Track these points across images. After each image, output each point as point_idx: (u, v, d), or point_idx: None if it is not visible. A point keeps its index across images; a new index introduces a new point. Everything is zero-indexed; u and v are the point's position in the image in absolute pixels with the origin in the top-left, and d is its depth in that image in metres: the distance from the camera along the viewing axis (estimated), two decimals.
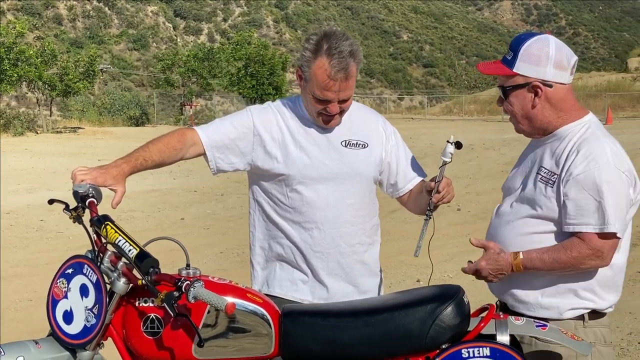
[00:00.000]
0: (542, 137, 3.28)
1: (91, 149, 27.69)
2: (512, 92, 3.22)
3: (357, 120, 3.65)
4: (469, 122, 46.60)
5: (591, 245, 3.02)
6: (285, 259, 3.59)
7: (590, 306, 3.18)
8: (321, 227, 3.50)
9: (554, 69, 3.15)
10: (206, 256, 10.32)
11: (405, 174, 3.70)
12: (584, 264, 3.06)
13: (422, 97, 76.17)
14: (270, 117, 3.57)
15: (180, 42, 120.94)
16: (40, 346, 2.99)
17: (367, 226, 3.64)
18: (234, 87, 51.75)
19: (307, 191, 3.49)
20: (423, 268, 9.08)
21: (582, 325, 3.18)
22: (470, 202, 14.07)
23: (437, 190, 3.35)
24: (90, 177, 3.22)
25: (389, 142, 3.69)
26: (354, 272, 3.59)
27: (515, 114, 3.26)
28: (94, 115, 45.23)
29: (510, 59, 3.20)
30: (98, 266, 2.97)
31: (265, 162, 3.53)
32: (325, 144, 3.54)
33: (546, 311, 3.19)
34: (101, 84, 63.12)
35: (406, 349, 2.96)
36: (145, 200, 15.34)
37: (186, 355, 2.96)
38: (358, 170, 3.57)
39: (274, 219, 3.58)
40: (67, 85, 38.65)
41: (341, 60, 3.32)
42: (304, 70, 3.43)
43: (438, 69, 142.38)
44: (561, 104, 3.20)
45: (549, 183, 3.15)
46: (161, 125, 46.05)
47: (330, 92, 3.36)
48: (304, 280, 3.57)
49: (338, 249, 3.53)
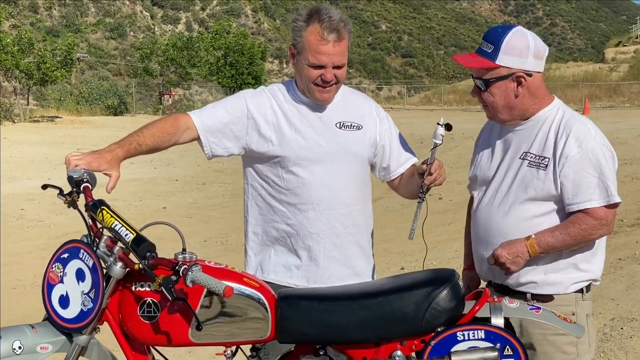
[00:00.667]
0: (516, 123, 3.37)
1: (70, 138, 27.53)
2: (495, 83, 3.29)
3: (351, 103, 3.69)
4: (448, 111, 46.71)
5: (596, 216, 3.17)
6: (279, 243, 3.60)
7: (589, 277, 3.33)
8: (317, 208, 3.52)
9: (533, 59, 3.27)
10: (189, 245, 10.14)
11: (398, 157, 3.73)
12: (593, 235, 3.21)
13: (401, 87, 76.29)
14: (264, 100, 3.58)
15: (158, 31, 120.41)
16: (36, 330, 2.98)
17: (362, 208, 3.67)
18: (213, 76, 51.64)
19: (302, 172, 3.50)
20: (407, 256, 9.14)
21: (581, 298, 3.33)
22: (451, 191, 14.09)
23: (429, 173, 3.37)
24: (84, 162, 3.22)
25: (382, 126, 3.72)
26: (349, 254, 3.61)
27: (496, 104, 3.33)
28: (72, 105, 44.92)
29: (490, 52, 3.27)
30: (94, 251, 2.97)
31: (260, 145, 3.53)
32: (320, 126, 3.56)
33: (552, 287, 3.30)
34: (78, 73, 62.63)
35: (402, 332, 2.98)
36: (126, 189, 15.26)
37: (183, 339, 2.97)
38: (353, 152, 3.59)
39: (268, 202, 3.59)
40: (45, 74, 38.31)
41: (332, 23, 3.40)
42: (297, 42, 3.47)
43: (416, 59, 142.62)
44: (537, 91, 3.32)
45: (541, 167, 3.25)
46: (140, 115, 45.85)
47: (323, 56, 3.40)
48: (298, 265, 3.58)
49: (334, 230, 3.55)
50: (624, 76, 52.48)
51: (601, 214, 3.18)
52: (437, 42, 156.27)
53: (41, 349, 2.95)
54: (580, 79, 50.84)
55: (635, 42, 62.48)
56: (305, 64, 3.44)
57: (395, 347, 3.00)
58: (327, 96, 3.53)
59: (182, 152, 22.97)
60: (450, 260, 9.12)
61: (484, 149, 3.56)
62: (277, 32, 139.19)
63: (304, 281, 3.57)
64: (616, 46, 64.27)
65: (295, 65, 3.54)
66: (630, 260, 9.01)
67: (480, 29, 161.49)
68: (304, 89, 3.55)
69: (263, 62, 53.58)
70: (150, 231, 3.02)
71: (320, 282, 3.53)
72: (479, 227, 3.48)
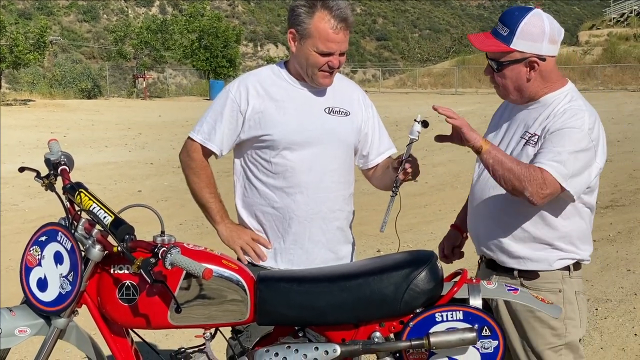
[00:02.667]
0: (526, 103, 3.40)
1: (43, 121, 27.30)
2: (508, 66, 3.30)
3: (340, 89, 3.71)
4: (423, 94, 46.81)
5: (545, 176, 3.10)
6: (265, 227, 3.63)
7: (575, 257, 3.36)
8: (304, 192, 3.54)
9: (548, 44, 3.28)
10: (165, 228, 10.26)
11: (378, 146, 3.78)
12: (527, 183, 3.11)
13: (376, 70, 76.27)
14: (250, 90, 3.59)
15: (131, 14, 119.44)
16: (14, 313, 2.98)
17: (346, 193, 3.70)
18: (188, 59, 51.43)
19: (291, 156, 3.52)
20: (383, 238, 9.16)
21: (568, 276, 3.35)
22: (427, 174, 14.14)
23: (404, 167, 3.39)
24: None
25: (367, 114, 3.77)
26: (334, 239, 3.64)
27: (507, 86, 3.35)
28: (45, 88, 44.50)
29: (506, 35, 3.28)
30: (72, 233, 2.96)
31: (251, 132, 3.56)
32: (308, 110, 3.58)
33: (537, 264, 3.33)
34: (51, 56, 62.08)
35: (381, 313, 3.00)
36: (100, 172, 15.21)
37: (162, 322, 2.97)
38: (341, 137, 3.62)
39: (255, 185, 3.61)
40: (17, 57, 37.91)
41: (341, 10, 3.42)
42: (301, 27, 3.47)
43: (391, 42, 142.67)
44: (549, 75, 3.34)
45: (530, 143, 3.28)
46: (114, 98, 45.59)
47: (334, 44, 3.44)
48: (282, 249, 3.60)
49: (320, 214, 3.58)
50: (598, 59, 52.87)
51: (548, 178, 3.09)
52: (412, 25, 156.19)
53: (19, 332, 2.95)
54: None
55: (609, 25, 62.90)
56: (312, 50, 3.46)
57: (374, 329, 3.01)
58: (329, 80, 3.58)
59: (157, 135, 22.93)
60: (426, 242, 9.17)
61: (494, 125, 3.61)
62: (252, 15, 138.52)
63: (288, 264, 3.59)
64: (590, 29, 64.64)
65: (297, 49, 3.54)
66: (604, 242, 9.10)
67: (454, 12, 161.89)
68: (301, 73, 3.58)
69: (237, 45, 53.37)
70: (126, 214, 3.01)
71: (304, 265, 3.55)
72: (474, 199, 3.52)
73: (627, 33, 57.40)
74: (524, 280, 3.35)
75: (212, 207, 3.68)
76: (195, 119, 3.94)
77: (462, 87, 49.58)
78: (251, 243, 3.61)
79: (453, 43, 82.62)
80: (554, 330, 3.31)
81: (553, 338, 3.32)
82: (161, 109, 34.51)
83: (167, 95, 51.83)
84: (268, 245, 3.61)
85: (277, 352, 2.96)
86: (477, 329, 2.93)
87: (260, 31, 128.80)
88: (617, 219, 10.23)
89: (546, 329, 3.31)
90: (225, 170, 3.66)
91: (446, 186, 13.59)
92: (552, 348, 3.32)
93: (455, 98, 40.47)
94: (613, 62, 51.51)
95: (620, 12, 64.50)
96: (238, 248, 3.63)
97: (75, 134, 22.87)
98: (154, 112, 32.07)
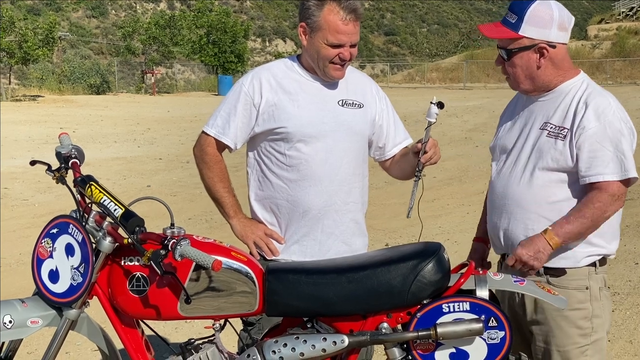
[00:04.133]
0: (539, 94, 3.40)
1: (52, 117, 27.35)
2: (517, 54, 3.31)
3: (353, 81, 3.73)
4: (431, 89, 46.65)
5: (609, 191, 3.16)
6: (278, 219, 3.65)
7: (601, 252, 3.35)
8: (318, 184, 3.55)
9: (557, 31, 3.29)
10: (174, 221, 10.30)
11: (394, 137, 3.79)
12: (608, 211, 3.19)
13: (384, 65, 76.07)
14: (263, 83, 3.60)
15: (139, 9, 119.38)
16: (26, 305, 3.01)
17: (361, 185, 3.72)
18: (196, 55, 51.43)
19: (305, 148, 3.54)
20: (391, 232, 9.20)
21: (594, 272, 3.33)
22: (435, 168, 14.06)
23: (425, 151, 3.40)
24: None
25: (381, 105, 3.77)
26: (347, 231, 3.66)
27: (518, 75, 3.36)
28: (54, 84, 44.49)
29: (514, 22, 3.30)
30: (83, 226, 2.99)
31: (265, 125, 3.58)
32: (322, 103, 3.59)
33: (564, 261, 3.31)
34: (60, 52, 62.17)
35: (388, 304, 3.02)
36: (110, 167, 15.26)
37: (172, 313, 3.01)
38: (355, 129, 3.63)
39: (269, 178, 3.62)
40: (26, 53, 37.99)
41: (350, 2, 3.43)
42: (311, 20, 3.48)
43: (399, 37, 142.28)
44: (561, 63, 3.34)
45: (559, 137, 3.26)
46: (122, 94, 45.60)
47: (344, 35, 3.45)
48: (295, 240, 3.62)
49: (334, 206, 3.59)
50: (606, 53, 52.61)
51: (614, 188, 3.16)
52: (420, 20, 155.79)
53: (31, 323, 2.98)
54: None
55: (618, 19, 62.55)
56: (323, 43, 3.47)
57: (381, 320, 3.04)
58: (341, 73, 3.58)
59: (165, 130, 22.95)
60: (435, 236, 9.18)
61: (507, 120, 3.60)
62: (260, 10, 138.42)
63: (300, 256, 3.61)
64: (599, 23, 64.30)
65: (308, 43, 3.55)
66: None
67: (463, 7, 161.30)
68: (313, 66, 3.59)
69: (246, 40, 53.38)
70: (136, 208, 3.04)
71: (318, 257, 3.56)
72: (495, 195, 3.50)
73: (636, 27, 57.05)
74: (550, 277, 3.32)
75: (226, 201, 3.70)
76: (203, 114, 3.98)
77: (470, 82, 49.44)
78: (264, 238, 3.63)
79: (461, 38, 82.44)
80: (581, 329, 3.30)
81: (579, 338, 3.31)
82: (170, 105, 34.52)
83: (176, 90, 51.79)
84: (281, 240, 3.63)
85: (286, 342, 2.99)
86: (483, 319, 2.95)
87: (269, 26, 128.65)
88: (625, 212, 10.10)
89: (573, 328, 3.30)
90: (233, 165, 3.68)
91: (454, 181, 13.58)
92: (579, 348, 3.31)
93: (463, 93, 40.32)
94: (622, 56, 51.24)
95: (630, 6, 64.13)
96: (251, 243, 3.65)
97: (84, 130, 22.92)
98: (162, 108, 32.08)
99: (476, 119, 24.65)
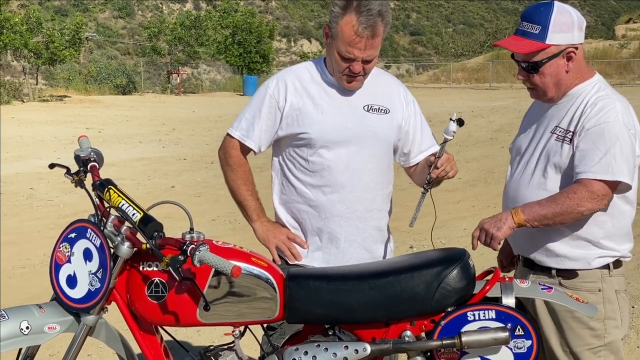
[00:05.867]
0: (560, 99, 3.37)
1: (78, 117, 27.53)
2: (547, 63, 3.26)
3: (380, 86, 3.65)
4: (457, 90, 46.59)
5: (590, 188, 3.12)
6: (301, 224, 3.60)
7: (614, 254, 3.30)
8: (341, 191, 3.50)
9: (578, 32, 3.26)
10: (198, 224, 10.19)
11: (420, 144, 3.70)
12: (581, 206, 3.13)
13: (409, 65, 75.91)
14: (289, 86, 3.55)
15: (166, 10, 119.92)
16: (44, 310, 2.97)
17: (385, 192, 3.65)
18: (221, 55, 51.59)
19: (328, 155, 3.48)
20: (416, 234, 9.11)
21: (608, 274, 3.30)
22: (460, 169, 13.92)
23: (436, 166, 3.34)
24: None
25: (408, 111, 3.69)
26: (370, 238, 3.61)
27: (547, 84, 3.31)
28: (80, 84, 44.82)
29: (538, 33, 3.24)
30: (101, 230, 2.95)
31: (289, 129, 3.53)
32: (347, 108, 3.53)
33: (575, 262, 3.28)
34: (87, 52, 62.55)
35: (412, 312, 2.96)
36: (135, 168, 15.28)
37: (191, 319, 2.96)
38: (379, 135, 3.56)
39: (292, 182, 3.58)
40: (53, 54, 38.23)
41: (369, 18, 3.31)
42: (332, 26, 3.41)
43: (425, 37, 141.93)
44: (580, 64, 3.32)
45: (565, 140, 3.24)
46: (148, 94, 45.80)
47: (355, 49, 3.35)
48: (318, 247, 3.57)
49: (356, 214, 3.54)
50: (634, 53, 52.19)
51: (595, 187, 3.12)
52: (446, 20, 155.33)
53: (49, 329, 2.94)
54: (591, 56, 50.52)
55: None
56: (336, 52, 3.41)
57: (404, 327, 2.98)
58: (354, 84, 3.51)
59: (191, 131, 23.00)
60: (459, 238, 9.10)
61: (526, 122, 3.58)
62: (285, 10, 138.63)
63: (322, 263, 3.56)
64: (626, 23, 63.77)
65: (328, 47, 3.50)
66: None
67: (489, 6, 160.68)
68: (331, 71, 3.53)
69: (271, 40, 53.41)
70: (159, 210, 3.01)
71: (340, 264, 3.51)
72: (508, 199, 3.50)
73: None
74: (562, 280, 3.30)
75: (249, 204, 3.66)
76: (228, 115, 3.93)
77: (496, 82, 49.23)
78: (287, 242, 3.59)
79: (487, 38, 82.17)
80: (593, 330, 3.26)
81: (592, 339, 3.27)
82: (195, 105, 34.59)
83: (201, 90, 51.97)
84: (304, 244, 3.58)
85: (307, 350, 2.94)
86: (509, 328, 2.89)
87: (294, 27, 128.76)
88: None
89: (585, 329, 3.26)
90: (258, 166, 3.65)
91: (480, 182, 13.48)
92: (591, 349, 3.27)
93: (489, 93, 40.11)
94: None
95: None
96: (273, 247, 3.60)
97: (110, 130, 23.03)
98: (187, 108, 32.18)
99: (502, 119, 24.50)
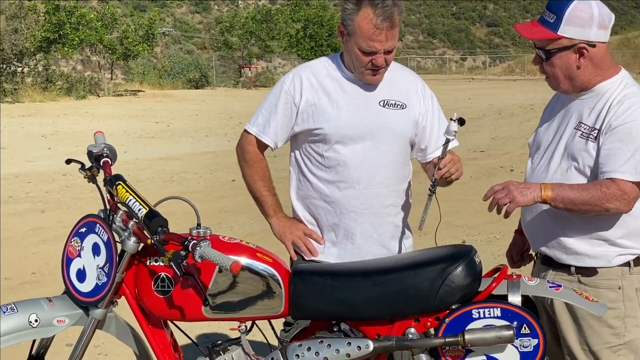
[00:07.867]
0: (578, 93, 3.28)
1: (150, 111, 27.94)
2: (557, 54, 3.20)
3: (397, 80, 3.61)
4: (531, 81, 45.82)
5: (621, 187, 3.04)
6: (317, 220, 3.60)
7: (635, 252, 3.23)
8: (356, 187, 3.49)
9: (597, 29, 3.16)
10: (253, 217, 10.27)
11: (437, 140, 3.62)
12: (609, 203, 3.06)
13: (485, 57, 75.08)
14: (304, 82, 3.55)
15: (241, 4, 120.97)
16: (53, 304, 3.04)
17: (401, 188, 3.62)
18: (293, 49, 51.79)
19: (344, 150, 3.47)
20: (470, 229, 9.04)
21: (629, 272, 3.22)
22: (524, 162, 13.88)
23: (439, 167, 3.31)
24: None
25: (426, 106, 3.64)
26: (386, 234, 3.58)
27: (557, 75, 3.25)
28: (154, 79, 45.49)
29: (553, 22, 3.18)
30: (110, 225, 3.01)
31: (304, 125, 3.53)
32: (363, 103, 3.51)
33: (595, 260, 3.22)
34: (164, 47, 63.53)
35: (416, 309, 2.94)
36: (198, 162, 15.45)
37: (196, 314, 2.99)
38: (396, 131, 3.53)
39: (309, 178, 3.58)
40: (127, 49, 38.90)
41: (385, 9, 3.30)
42: (347, 24, 3.40)
43: (502, 28, 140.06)
44: (601, 62, 3.22)
45: (590, 138, 3.18)
46: (220, 88, 46.22)
47: (376, 43, 3.34)
48: (333, 242, 3.57)
49: (372, 209, 3.52)
50: None
51: (627, 187, 3.04)
52: (524, 10, 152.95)
53: (57, 322, 3.01)
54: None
55: None
56: (356, 49, 3.39)
57: (409, 324, 2.96)
58: (377, 78, 3.49)
59: None
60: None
61: (547, 116, 3.51)
62: None
63: (338, 258, 3.55)
64: None
65: (345, 45, 3.49)
66: None
67: None
68: (351, 67, 3.51)
69: None
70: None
71: (356, 260, 3.49)
72: None
73: None
74: (582, 277, 3.23)
75: (266, 200, 3.67)
76: None
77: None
78: (303, 238, 3.59)
79: None
80: (613, 329, 3.19)
81: (611, 337, 3.20)
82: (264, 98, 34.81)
83: (273, 84, 51.97)
84: (320, 240, 3.58)
85: (310, 346, 2.95)
86: (515, 326, 2.85)
87: None
88: None
89: (604, 327, 3.19)
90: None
91: None
92: (611, 348, 3.20)
93: None
94: None
95: None
96: (289, 243, 3.61)
97: (179, 124, 23.32)
98: (257, 101, 31.96)
99: None
